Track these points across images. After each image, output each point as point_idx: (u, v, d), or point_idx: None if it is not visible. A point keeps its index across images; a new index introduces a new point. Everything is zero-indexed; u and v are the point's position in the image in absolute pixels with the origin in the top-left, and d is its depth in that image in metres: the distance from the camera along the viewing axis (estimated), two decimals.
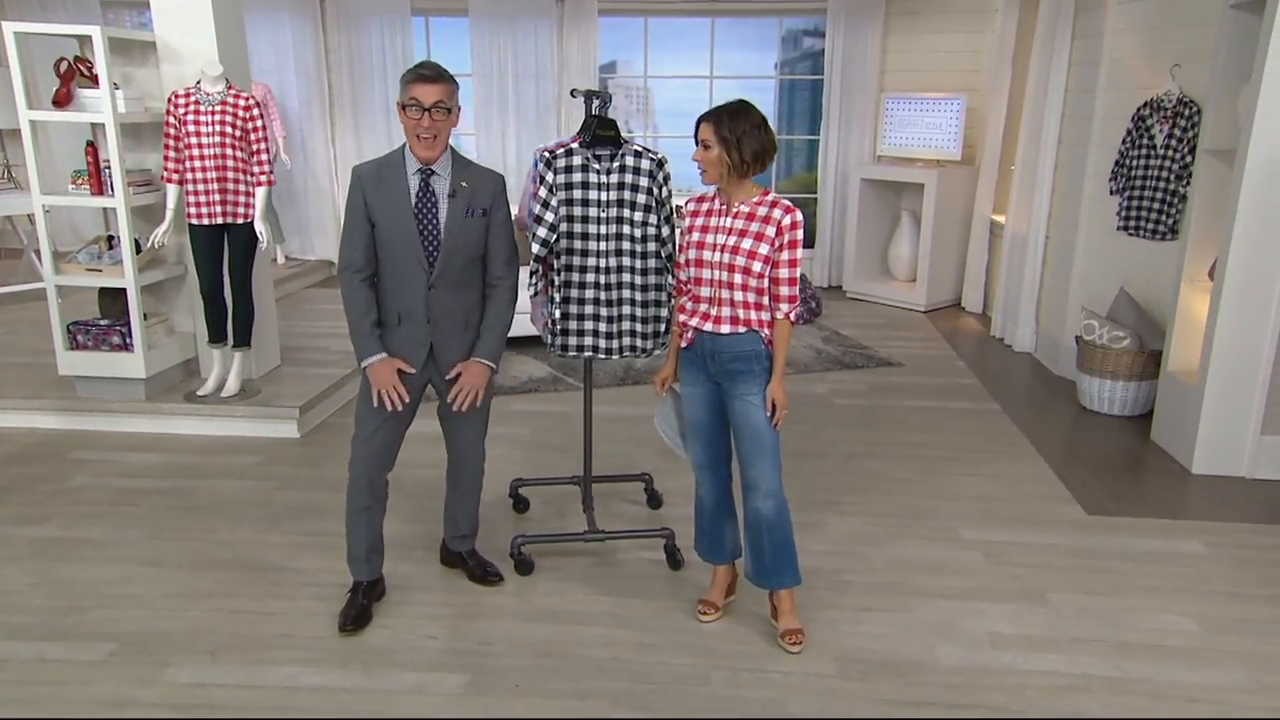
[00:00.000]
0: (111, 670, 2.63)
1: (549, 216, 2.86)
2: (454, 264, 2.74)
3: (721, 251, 2.63)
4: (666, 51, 8.79)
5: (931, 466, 4.18)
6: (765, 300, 2.66)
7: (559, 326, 3.02)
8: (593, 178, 2.88)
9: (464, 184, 2.72)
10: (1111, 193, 5.15)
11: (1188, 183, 4.66)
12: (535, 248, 2.88)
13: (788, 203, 2.62)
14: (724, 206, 2.67)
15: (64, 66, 4.26)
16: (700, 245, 2.67)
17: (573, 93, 3.46)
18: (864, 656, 2.74)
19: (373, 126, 8.32)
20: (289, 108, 8.20)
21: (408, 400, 2.76)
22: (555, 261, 2.96)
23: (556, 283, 2.96)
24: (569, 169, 2.86)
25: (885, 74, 7.98)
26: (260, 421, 4.51)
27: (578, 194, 2.89)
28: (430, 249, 2.71)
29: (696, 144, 2.62)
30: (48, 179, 8.57)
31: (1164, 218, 4.82)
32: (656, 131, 9.26)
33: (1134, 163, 4.97)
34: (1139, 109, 4.91)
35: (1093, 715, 2.49)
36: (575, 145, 2.87)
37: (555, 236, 2.89)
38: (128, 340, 4.45)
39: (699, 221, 2.70)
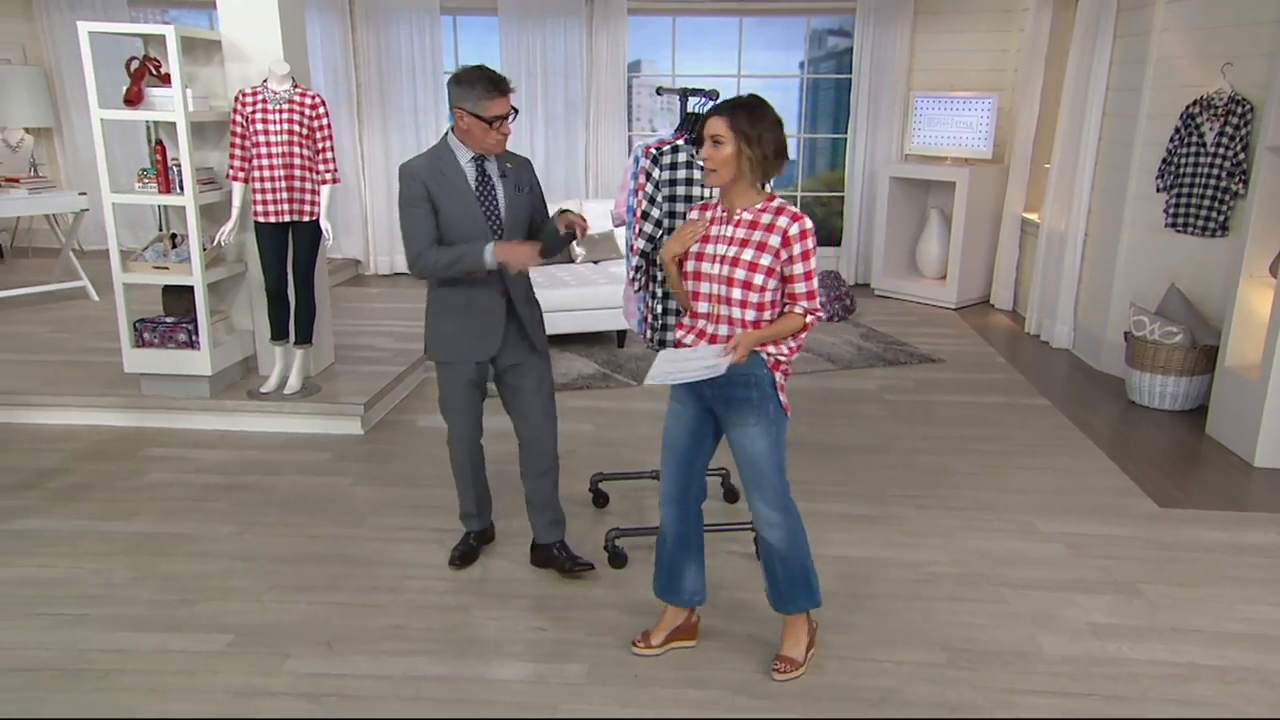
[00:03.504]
0: (235, 660, 2.66)
1: (655, 212, 2.90)
2: (515, 237, 2.91)
3: (720, 263, 2.40)
4: (692, 51, 8.83)
5: (995, 461, 4.24)
6: (768, 318, 2.43)
7: (659, 321, 3.05)
8: (696, 174, 2.92)
9: (509, 165, 2.92)
10: (1159, 190, 5.21)
11: (1239, 180, 4.73)
12: (640, 243, 2.92)
13: (794, 210, 2.38)
14: (725, 214, 2.44)
15: (134, 65, 4.27)
16: (700, 256, 2.43)
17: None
18: (969, 646, 2.79)
19: (400, 125, 8.33)
20: None
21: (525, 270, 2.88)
22: (657, 257, 3.00)
23: (659, 278, 3.00)
24: (674, 165, 2.90)
25: (913, 73, 8.05)
26: (324, 418, 4.53)
27: (681, 190, 2.93)
28: (494, 226, 2.88)
29: (702, 141, 2.38)
30: (75, 177, 8.56)
31: (1214, 214, 4.89)
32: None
33: (1183, 160, 5.03)
34: (1188, 107, 4.98)
35: (1208, 703, 2.55)
36: (679, 142, 2.90)
37: (660, 232, 2.93)
38: (193, 338, 4.47)
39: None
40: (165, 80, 4.33)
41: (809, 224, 2.37)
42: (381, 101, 8.28)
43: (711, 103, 2.92)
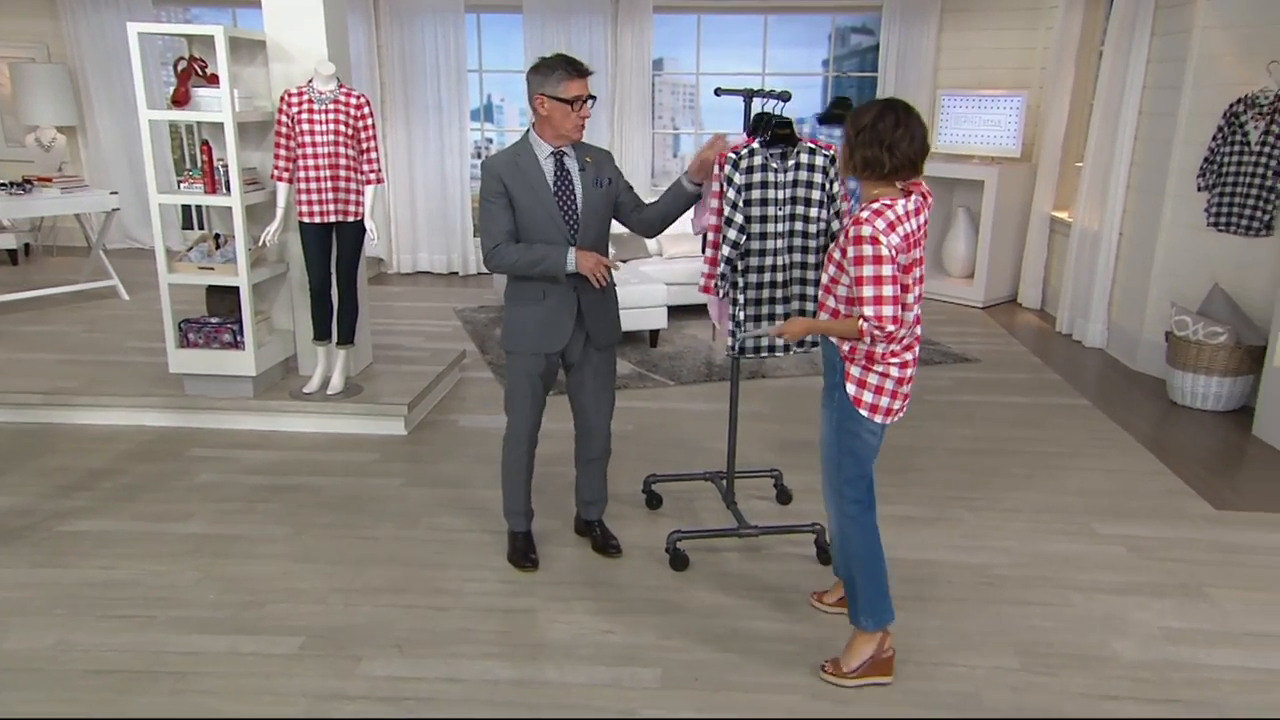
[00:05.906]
0: (308, 664, 2.65)
1: (738, 218, 2.87)
2: (591, 232, 2.95)
3: None
4: (715, 48, 8.82)
5: (1043, 461, 4.22)
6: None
7: (741, 328, 3.02)
8: (771, 176, 2.89)
9: (589, 159, 2.96)
10: (1200, 189, 5.19)
11: None
12: (726, 250, 2.89)
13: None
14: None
15: (181, 66, 4.26)
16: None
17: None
18: (1042, 650, 2.78)
19: (424, 123, 8.31)
20: None
21: (607, 282, 2.96)
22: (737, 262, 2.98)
23: (740, 284, 2.97)
24: (750, 169, 2.88)
25: (939, 71, 8.02)
26: (368, 419, 4.52)
27: (757, 194, 2.90)
28: (571, 223, 2.91)
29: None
30: (99, 175, 8.54)
31: (1259, 214, 4.87)
32: (702, 128, 9.28)
33: (1226, 159, 5.01)
34: (1232, 105, 4.95)
35: None
36: (755, 145, 2.88)
37: (744, 238, 2.90)
38: (238, 338, 4.46)
39: None
40: (210, 81, 4.32)
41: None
42: (405, 101, 8.26)
43: (784, 105, 2.90)
